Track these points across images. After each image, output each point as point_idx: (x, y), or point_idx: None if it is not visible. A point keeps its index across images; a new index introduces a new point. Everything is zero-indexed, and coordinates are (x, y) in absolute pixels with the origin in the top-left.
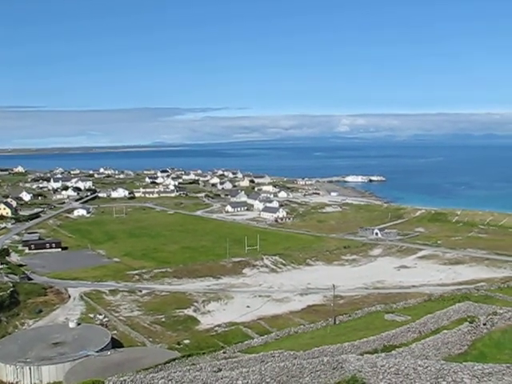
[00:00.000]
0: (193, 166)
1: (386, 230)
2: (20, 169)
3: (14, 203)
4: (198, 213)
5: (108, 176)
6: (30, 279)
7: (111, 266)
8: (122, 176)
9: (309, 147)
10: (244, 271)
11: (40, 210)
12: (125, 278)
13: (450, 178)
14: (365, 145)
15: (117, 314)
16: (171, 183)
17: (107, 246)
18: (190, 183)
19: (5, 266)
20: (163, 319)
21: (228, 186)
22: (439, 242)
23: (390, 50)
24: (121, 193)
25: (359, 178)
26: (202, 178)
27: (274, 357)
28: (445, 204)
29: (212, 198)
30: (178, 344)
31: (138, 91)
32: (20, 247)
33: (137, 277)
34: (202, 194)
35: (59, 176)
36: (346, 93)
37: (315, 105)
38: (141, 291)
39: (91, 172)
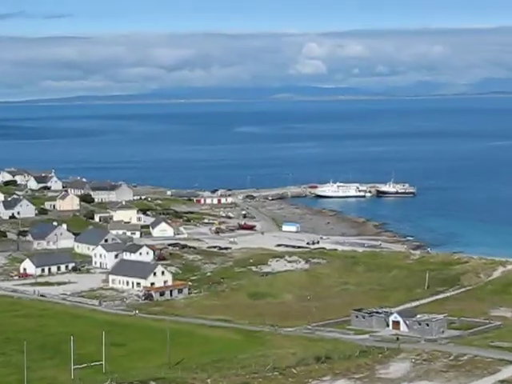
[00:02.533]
0: None
1: (418, 316)
2: None
3: None
4: None
5: None
6: None
7: None
8: None
9: (227, 114)
10: None
11: None
12: None
13: None
14: (364, 107)
15: None
16: None
17: None
18: None
19: None
20: None
21: (27, 211)
22: None
23: None
24: None
25: (352, 190)
26: None
27: None
28: None
29: None
30: None
31: None
32: None
33: None
34: None
35: None
36: None
37: (241, 13)
38: None
39: None
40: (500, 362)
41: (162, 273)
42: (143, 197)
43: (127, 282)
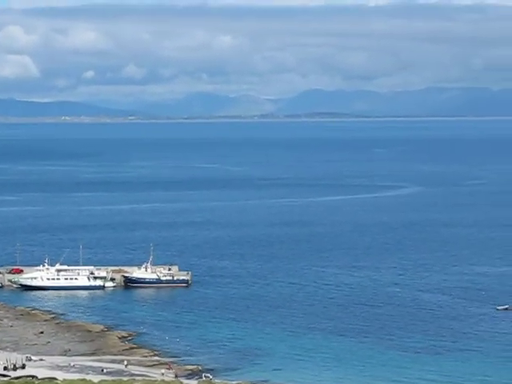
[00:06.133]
0: None
1: None
2: None
3: None
4: None
5: None
6: None
7: None
8: None
9: None
10: None
11: None
12: None
13: None
14: (103, 136)
15: None
16: None
17: None
18: None
19: None
20: None
21: None
22: None
23: None
24: None
25: (82, 277)
26: None
27: None
28: None
29: None
30: None
31: None
32: None
33: None
34: None
35: None
36: None
37: None
38: None
39: None
40: None
41: None
42: None
43: None
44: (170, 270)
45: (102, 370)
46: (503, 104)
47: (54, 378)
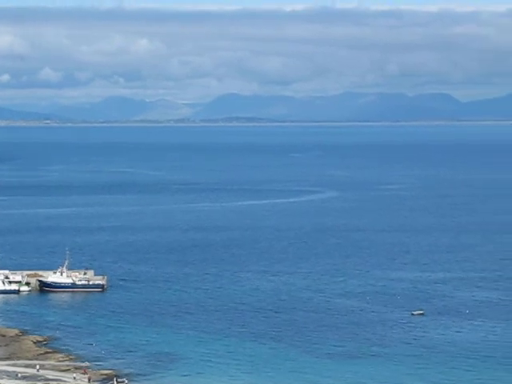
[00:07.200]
0: None
1: None
2: None
3: None
4: None
5: None
6: None
7: None
8: None
9: None
10: None
11: None
12: None
13: None
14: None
15: None
16: None
17: None
18: None
19: None
20: None
21: None
22: None
23: None
24: None
25: None
26: None
27: None
28: None
29: None
30: None
31: None
32: None
33: None
34: None
35: None
36: None
37: None
38: None
39: None
40: None
41: None
42: None
43: None
44: (85, 274)
45: (17, 375)
46: (418, 109)
47: None
